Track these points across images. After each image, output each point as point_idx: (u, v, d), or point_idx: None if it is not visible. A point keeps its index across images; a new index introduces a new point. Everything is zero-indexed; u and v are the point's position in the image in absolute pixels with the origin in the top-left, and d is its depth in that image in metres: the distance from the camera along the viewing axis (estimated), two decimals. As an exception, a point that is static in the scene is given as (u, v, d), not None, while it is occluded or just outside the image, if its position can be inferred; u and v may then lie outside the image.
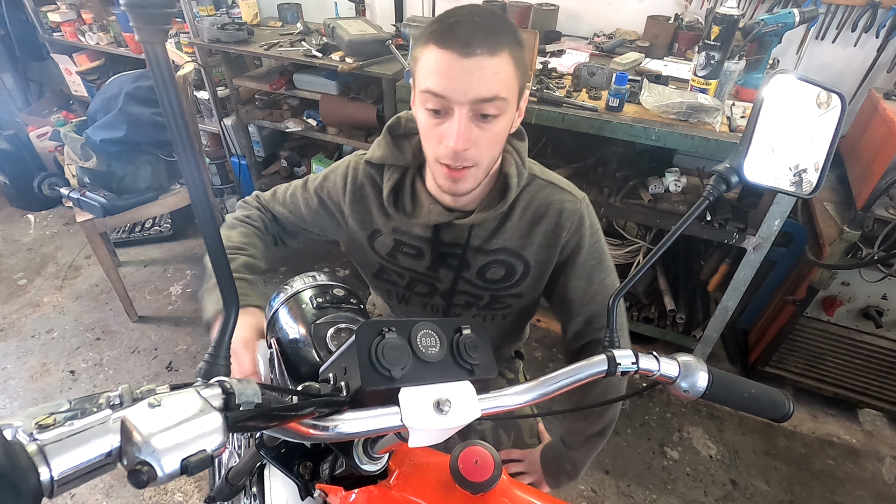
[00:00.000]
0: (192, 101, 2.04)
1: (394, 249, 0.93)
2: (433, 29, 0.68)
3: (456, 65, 0.66)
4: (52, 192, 2.70)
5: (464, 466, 0.58)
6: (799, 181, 0.57)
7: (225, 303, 0.39)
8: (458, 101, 0.68)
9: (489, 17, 0.69)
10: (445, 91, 0.68)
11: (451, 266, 0.91)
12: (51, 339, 2.17)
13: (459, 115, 0.69)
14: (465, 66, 0.66)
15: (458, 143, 0.70)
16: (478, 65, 0.66)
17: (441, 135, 0.72)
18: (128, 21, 0.39)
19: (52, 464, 0.27)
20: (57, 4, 2.77)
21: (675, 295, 2.11)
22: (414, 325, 0.46)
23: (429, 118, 0.73)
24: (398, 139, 0.88)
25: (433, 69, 0.68)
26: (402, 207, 0.88)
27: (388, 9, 2.43)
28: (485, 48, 0.65)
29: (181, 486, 1.66)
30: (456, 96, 0.67)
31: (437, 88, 0.68)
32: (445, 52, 0.66)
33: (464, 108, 0.68)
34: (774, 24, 1.57)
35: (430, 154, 0.77)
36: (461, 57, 0.65)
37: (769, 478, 1.77)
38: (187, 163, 0.35)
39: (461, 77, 0.66)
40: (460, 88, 0.67)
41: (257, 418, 0.37)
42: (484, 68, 0.66)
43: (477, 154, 0.73)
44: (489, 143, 0.74)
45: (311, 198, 0.95)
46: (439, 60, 0.67)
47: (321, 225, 0.97)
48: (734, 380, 0.55)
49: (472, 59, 0.65)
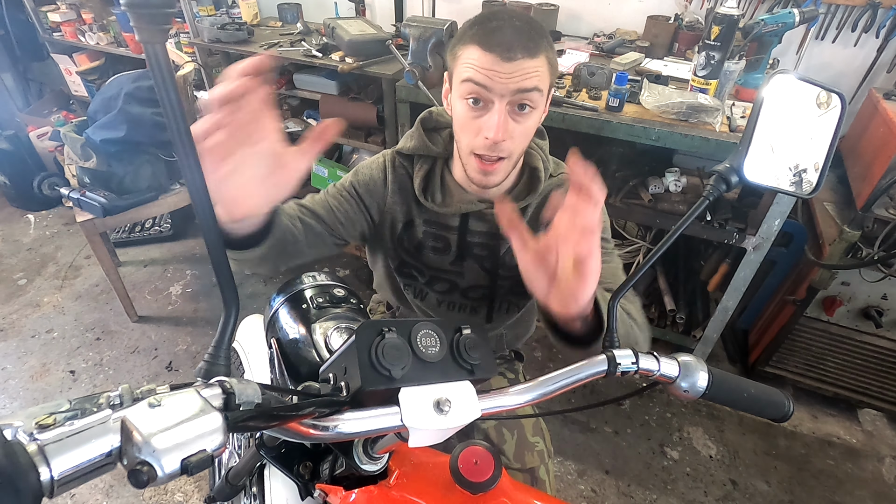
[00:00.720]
0: (192, 101, 2.04)
1: (421, 242, 0.96)
2: (475, 32, 0.74)
3: (498, 67, 0.72)
4: (52, 192, 2.70)
5: (464, 466, 0.59)
6: (799, 181, 0.57)
7: (225, 303, 0.39)
8: (500, 92, 0.73)
9: (527, 21, 0.75)
10: (488, 81, 0.73)
11: (476, 256, 0.95)
12: (51, 339, 2.17)
13: (499, 108, 0.74)
14: (508, 69, 0.72)
15: (497, 133, 0.74)
16: (520, 68, 0.72)
17: (479, 126, 0.77)
18: (128, 21, 0.39)
19: (52, 464, 0.27)
20: (57, 4, 2.77)
21: (675, 295, 2.11)
22: (414, 325, 0.46)
23: (468, 110, 0.77)
24: (429, 131, 0.93)
25: (477, 65, 0.73)
26: (431, 197, 0.92)
27: (388, 9, 2.43)
28: (525, 52, 0.72)
29: (181, 486, 1.66)
30: (498, 87, 0.73)
31: (480, 79, 0.73)
32: (489, 54, 0.72)
33: (504, 100, 0.74)
34: (774, 24, 1.57)
35: (465, 146, 0.82)
36: (503, 61, 0.71)
37: (769, 478, 1.77)
38: (187, 163, 0.35)
39: (503, 77, 0.72)
40: (502, 84, 0.72)
41: (257, 418, 0.37)
42: (526, 69, 0.72)
43: (511, 145, 0.78)
44: (522, 136, 0.79)
45: (341, 192, 0.92)
46: (483, 59, 0.72)
47: (343, 222, 0.92)
48: (734, 380, 0.55)
49: (513, 63, 0.72)
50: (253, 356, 1.06)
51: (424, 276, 1.00)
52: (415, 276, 1.01)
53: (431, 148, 0.91)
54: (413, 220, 0.95)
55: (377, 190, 0.94)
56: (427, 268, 0.99)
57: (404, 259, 0.99)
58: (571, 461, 1.78)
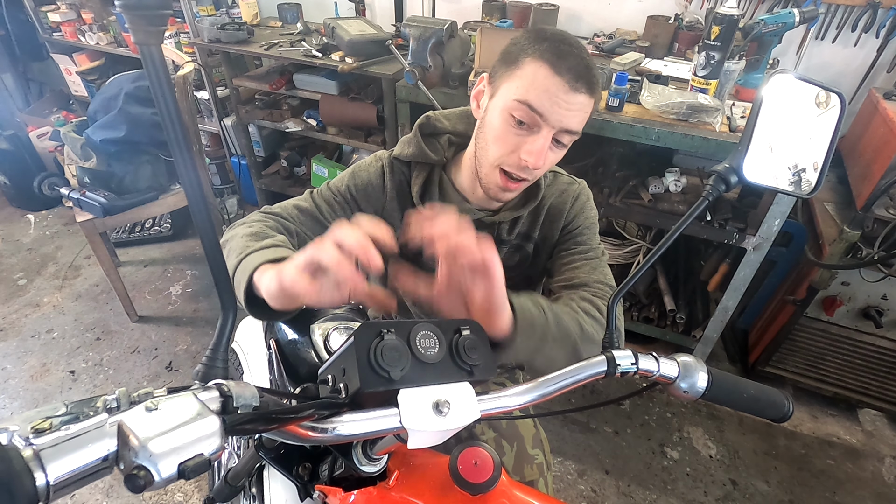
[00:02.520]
0: (192, 101, 2.03)
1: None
2: (545, 48, 0.72)
3: (563, 95, 0.71)
4: (52, 192, 2.69)
5: (463, 467, 0.58)
6: (798, 181, 0.57)
7: (223, 306, 0.39)
8: (552, 124, 0.73)
9: (590, 57, 0.74)
10: (544, 110, 0.72)
11: None
12: (51, 339, 2.17)
13: (546, 136, 0.74)
14: (570, 99, 0.71)
15: (538, 160, 0.75)
16: (579, 101, 0.72)
17: (518, 145, 0.76)
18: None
19: (47, 469, 0.27)
20: (57, 4, 2.77)
21: (675, 295, 2.10)
22: (413, 325, 0.46)
23: (510, 126, 0.76)
24: (428, 137, 0.91)
25: (539, 86, 0.72)
26: (429, 203, 0.91)
27: (388, 9, 2.43)
28: (588, 88, 0.72)
29: (181, 487, 1.66)
30: (552, 119, 0.72)
31: (538, 105, 0.72)
32: (557, 77, 0.71)
33: (552, 130, 0.74)
34: (774, 24, 1.57)
35: (493, 158, 0.80)
36: (570, 90, 0.71)
37: (769, 478, 1.77)
38: (183, 163, 0.35)
39: (563, 106, 0.72)
40: (558, 113, 0.72)
41: (255, 421, 0.37)
42: (583, 106, 0.73)
43: (539, 173, 0.80)
44: (550, 165, 0.81)
45: (336, 197, 0.89)
46: (548, 82, 0.71)
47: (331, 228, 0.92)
48: (734, 380, 0.55)
49: (577, 95, 0.71)
50: (252, 357, 1.05)
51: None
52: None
53: (430, 156, 0.89)
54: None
55: (375, 195, 0.92)
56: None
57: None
58: (571, 461, 1.78)
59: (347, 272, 0.47)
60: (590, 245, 0.89)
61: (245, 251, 0.66)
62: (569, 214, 0.91)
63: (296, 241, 0.82)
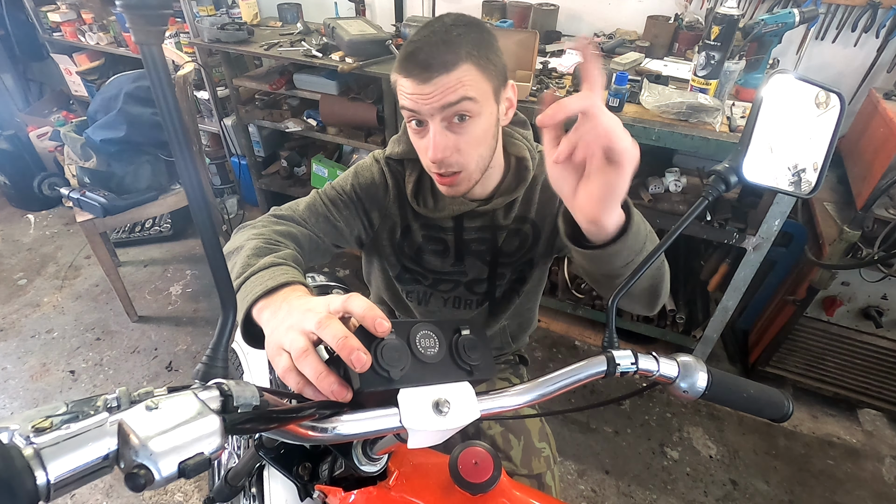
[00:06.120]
0: (192, 101, 2.03)
1: (421, 247, 0.96)
2: (400, 58, 0.75)
3: (419, 89, 0.72)
4: (52, 192, 2.70)
5: (463, 467, 0.58)
6: (798, 181, 0.57)
7: (223, 305, 0.39)
8: (429, 112, 0.74)
9: (444, 34, 0.73)
10: (415, 106, 0.74)
11: (476, 252, 0.95)
12: (51, 339, 2.17)
13: (434, 128, 0.75)
14: (427, 90, 0.72)
15: (435, 152, 0.75)
16: (436, 85, 0.71)
17: (425, 146, 0.77)
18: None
19: (48, 468, 0.27)
20: (57, 4, 2.77)
21: (675, 295, 2.10)
22: (413, 325, 0.46)
23: (414, 132, 0.79)
24: None
25: (405, 92, 0.75)
26: (423, 202, 0.91)
27: (388, 9, 2.43)
28: (441, 68, 0.71)
29: (181, 487, 1.66)
30: (425, 109, 0.73)
31: (410, 105, 0.74)
32: (409, 79, 0.73)
33: (435, 118, 0.74)
34: (774, 24, 1.57)
35: (424, 166, 0.83)
36: (422, 82, 0.72)
37: (769, 478, 1.77)
38: (184, 163, 0.35)
39: (426, 98, 0.73)
40: (427, 105, 0.73)
41: (255, 421, 0.37)
42: (444, 84, 0.71)
43: (460, 159, 0.78)
44: (471, 146, 0.77)
45: (341, 197, 0.89)
46: (406, 85, 0.74)
47: (341, 228, 0.89)
48: (734, 380, 0.55)
49: (430, 84, 0.72)
50: (252, 357, 1.06)
51: (427, 280, 1.00)
52: (418, 281, 1.01)
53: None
54: (410, 226, 0.94)
55: (379, 194, 0.92)
56: (429, 272, 0.98)
57: (405, 265, 0.99)
58: (571, 461, 1.78)
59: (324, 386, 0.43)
60: None
61: (245, 271, 0.63)
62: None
63: (306, 247, 0.82)
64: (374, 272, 1.07)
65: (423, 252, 0.96)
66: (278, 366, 0.45)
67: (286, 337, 0.46)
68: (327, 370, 0.43)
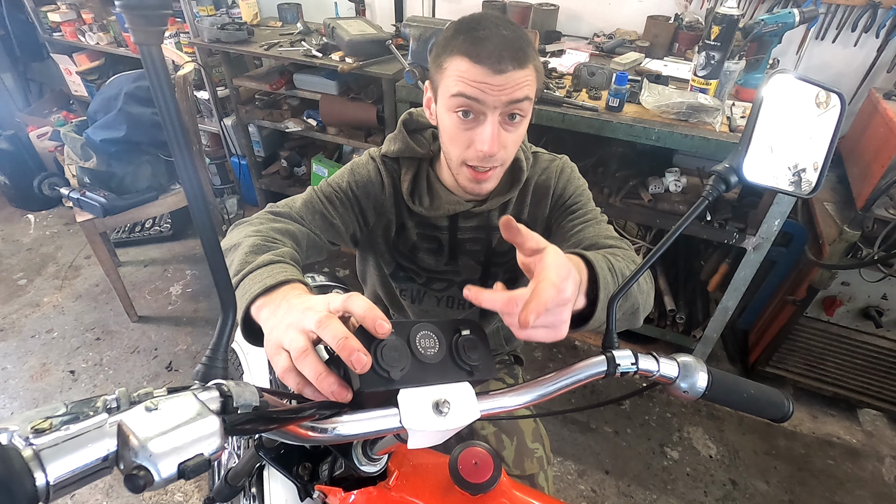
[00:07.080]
0: (192, 101, 2.03)
1: (415, 245, 0.96)
2: (461, 40, 0.72)
3: (490, 80, 0.70)
4: (52, 192, 2.69)
5: (463, 467, 0.58)
6: (798, 181, 0.57)
7: (223, 305, 0.39)
8: (492, 104, 0.72)
9: (513, 29, 0.72)
10: (480, 95, 0.71)
11: (470, 252, 0.96)
12: (51, 339, 2.17)
13: (492, 120, 0.73)
14: (499, 81, 0.70)
15: (492, 146, 0.74)
16: (512, 79, 0.71)
17: (471, 138, 0.76)
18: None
19: (47, 469, 0.27)
20: (57, 4, 2.77)
21: (675, 295, 2.10)
22: (413, 326, 0.46)
23: (458, 122, 0.76)
24: (412, 133, 0.92)
25: (466, 78, 0.71)
26: (419, 200, 0.92)
27: (388, 9, 2.43)
28: (515, 62, 0.70)
29: (181, 487, 1.66)
30: (490, 100, 0.72)
31: (472, 92, 0.72)
32: (479, 67, 0.70)
33: (496, 112, 0.73)
34: (774, 24, 1.57)
35: (455, 156, 0.81)
36: (495, 73, 0.70)
37: (769, 478, 1.77)
38: (183, 163, 0.35)
39: (495, 90, 0.71)
40: (494, 97, 0.71)
41: (255, 421, 0.37)
42: (517, 80, 0.71)
43: (504, 155, 0.78)
44: (514, 144, 0.79)
45: (336, 194, 0.88)
46: (472, 72, 0.71)
47: (337, 225, 0.88)
48: (734, 380, 0.55)
49: (506, 74, 0.70)
50: (252, 357, 1.06)
51: (421, 278, 1.00)
52: (412, 279, 1.01)
53: (416, 149, 0.90)
54: (405, 223, 0.95)
55: (375, 192, 0.92)
56: (423, 270, 0.99)
57: (400, 263, 0.99)
58: (571, 461, 1.78)
59: (324, 386, 0.42)
60: (586, 210, 0.89)
61: (243, 268, 0.63)
62: (556, 189, 0.92)
63: (303, 244, 0.80)
64: (370, 269, 1.07)
65: (417, 250, 0.97)
66: (277, 365, 0.45)
67: (286, 335, 0.45)
68: (327, 370, 0.43)
